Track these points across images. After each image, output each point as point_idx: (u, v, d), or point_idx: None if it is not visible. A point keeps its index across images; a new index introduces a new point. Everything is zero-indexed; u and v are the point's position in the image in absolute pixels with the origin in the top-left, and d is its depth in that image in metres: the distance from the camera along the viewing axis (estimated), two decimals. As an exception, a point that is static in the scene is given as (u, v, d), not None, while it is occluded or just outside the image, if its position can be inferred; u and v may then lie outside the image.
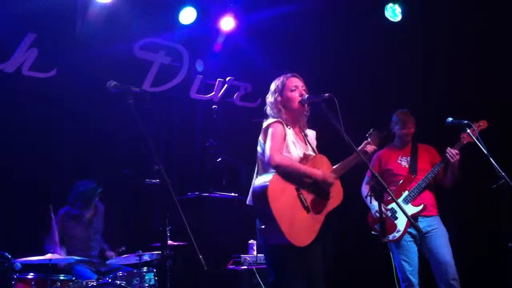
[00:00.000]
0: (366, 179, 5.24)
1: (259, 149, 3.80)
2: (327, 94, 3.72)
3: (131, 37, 6.41)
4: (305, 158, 3.78)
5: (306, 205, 3.65)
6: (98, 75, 5.57)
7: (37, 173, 5.61)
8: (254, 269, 5.46)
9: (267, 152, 3.65)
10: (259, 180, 3.68)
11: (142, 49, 6.53)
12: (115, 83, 3.51)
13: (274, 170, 3.62)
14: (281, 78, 3.93)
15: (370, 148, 3.97)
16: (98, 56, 5.94)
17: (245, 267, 5.52)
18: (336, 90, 3.77)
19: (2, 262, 4.41)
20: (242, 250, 5.76)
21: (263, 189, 3.56)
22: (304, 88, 3.89)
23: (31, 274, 4.51)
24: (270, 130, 3.73)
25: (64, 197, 5.46)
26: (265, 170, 3.70)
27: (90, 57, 5.92)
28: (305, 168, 3.70)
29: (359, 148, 3.92)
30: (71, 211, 5.48)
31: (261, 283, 5.39)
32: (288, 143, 3.75)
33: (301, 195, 3.65)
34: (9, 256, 4.44)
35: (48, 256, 4.51)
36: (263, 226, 3.61)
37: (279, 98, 3.86)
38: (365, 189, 5.20)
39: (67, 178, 5.65)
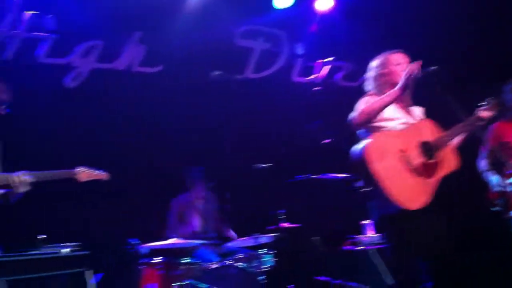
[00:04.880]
0: (482, 153, 4.99)
1: None
2: (434, 67, 3.61)
3: (231, 27, 6.52)
4: (407, 126, 3.66)
5: (413, 167, 3.52)
6: (202, 65, 5.76)
7: (155, 165, 5.86)
8: (370, 250, 5.38)
9: (351, 115, 3.59)
10: (355, 147, 3.60)
11: (242, 37, 6.63)
12: (219, 72, 3.60)
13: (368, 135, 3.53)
14: (385, 54, 3.85)
15: (485, 113, 3.75)
16: (201, 48, 6.11)
17: (361, 247, 5.46)
18: (443, 64, 3.63)
19: (130, 248, 4.66)
20: (356, 231, 5.69)
21: (360, 152, 3.49)
22: (408, 64, 3.78)
23: (157, 258, 4.71)
24: (360, 101, 3.68)
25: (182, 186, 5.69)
26: (360, 139, 3.63)
27: (193, 49, 6.10)
28: (384, 97, 3.55)
29: (473, 117, 3.74)
30: (187, 197, 5.70)
31: (377, 264, 5.31)
32: (384, 111, 3.62)
33: (406, 157, 3.52)
34: (137, 242, 4.67)
35: (172, 240, 4.71)
36: (368, 189, 3.52)
37: (381, 71, 3.79)
38: (482, 164, 4.95)
39: (182, 168, 5.83)
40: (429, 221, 3.53)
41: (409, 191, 3.46)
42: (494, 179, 4.62)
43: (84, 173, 3.77)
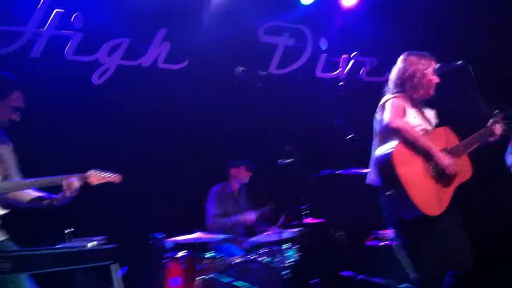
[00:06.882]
0: (509, 148, 4.92)
1: (375, 126, 3.76)
2: (460, 62, 3.59)
3: (255, 23, 6.56)
4: (424, 132, 3.68)
5: (433, 175, 3.55)
6: (226, 62, 5.79)
7: (180, 160, 5.93)
8: (394, 245, 5.36)
9: (386, 118, 3.57)
10: (381, 149, 3.61)
11: (266, 34, 6.66)
12: (243, 68, 3.63)
13: (396, 139, 3.53)
14: (410, 54, 3.85)
15: (497, 129, 3.77)
16: (225, 44, 6.14)
17: (384, 243, 5.45)
18: (468, 61, 3.62)
19: (155, 242, 4.72)
20: (380, 226, 5.67)
21: (388, 156, 3.51)
22: (432, 66, 3.79)
23: (182, 252, 4.79)
24: (388, 103, 3.67)
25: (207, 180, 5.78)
26: (386, 141, 3.63)
27: (217, 46, 6.13)
28: (427, 141, 3.57)
29: (486, 130, 3.72)
30: (224, 189, 5.79)
31: (401, 259, 5.28)
32: (408, 117, 3.67)
33: (428, 165, 3.55)
34: (162, 236, 4.75)
35: (196, 235, 4.78)
36: (389, 193, 3.55)
37: (406, 74, 3.78)
38: (509, 158, 4.89)
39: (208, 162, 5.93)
40: (447, 227, 3.58)
41: (430, 197, 3.51)
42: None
43: (95, 176, 3.76)
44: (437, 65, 3.77)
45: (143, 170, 5.63)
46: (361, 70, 7.03)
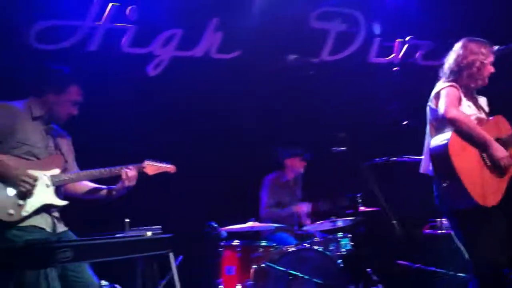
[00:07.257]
0: None
1: (428, 114, 3.68)
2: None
3: (306, 9, 6.49)
4: (479, 122, 3.60)
5: (488, 164, 3.48)
6: (279, 49, 5.78)
7: (234, 149, 6.00)
8: (453, 234, 5.25)
9: (442, 107, 3.50)
10: (436, 140, 3.57)
11: (318, 20, 6.57)
12: (296, 56, 3.61)
13: (451, 128, 3.48)
14: (468, 41, 3.74)
15: None
16: (277, 32, 6.11)
17: (442, 231, 5.35)
18: None
19: (210, 231, 4.82)
20: (437, 214, 5.56)
21: (444, 146, 3.46)
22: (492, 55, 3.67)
23: (236, 241, 4.87)
24: (443, 91, 3.58)
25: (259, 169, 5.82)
26: (440, 130, 3.58)
27: (269, 34, 6.11)
28: (483, 132, 3.49)
29: None
30: (278, 177, 5.81)
31: (460, 247, 5.17)
32: (463, 106, 3.60)
33: (483, 154, 3.49)
34: (216, 225, 4.83)
35: (250, 224, 4.83)
36: (444, 184, 3.49)
37: (464, 62, 3.66)
38: None
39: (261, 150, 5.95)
40: (500, 220, 3.50)
41: (485, 188, 3.44)
42: None
43: (151, 167, 3.83)
44: (495, 47, 3.66)
45: (197, 159, 5.71)
46: (417, 54, 6.86)
